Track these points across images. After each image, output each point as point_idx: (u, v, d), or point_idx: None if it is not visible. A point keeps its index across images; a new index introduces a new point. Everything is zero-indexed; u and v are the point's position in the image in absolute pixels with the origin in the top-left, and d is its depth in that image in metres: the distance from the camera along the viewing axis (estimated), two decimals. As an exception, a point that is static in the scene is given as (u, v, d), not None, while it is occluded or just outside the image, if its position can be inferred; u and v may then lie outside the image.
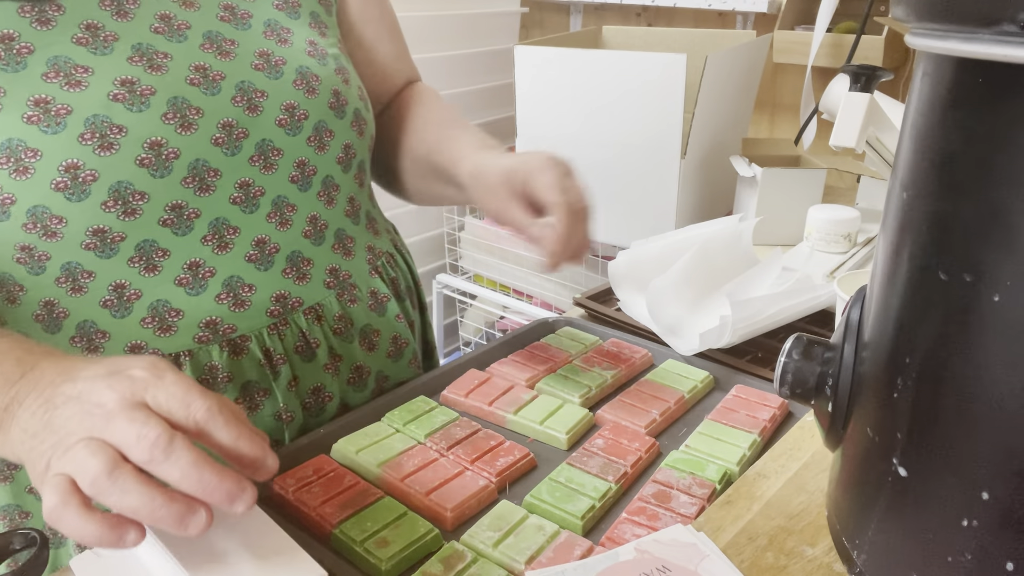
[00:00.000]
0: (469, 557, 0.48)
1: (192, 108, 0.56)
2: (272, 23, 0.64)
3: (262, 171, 0.60)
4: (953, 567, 0.36)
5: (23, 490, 0.62)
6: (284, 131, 0.61)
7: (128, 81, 0.54)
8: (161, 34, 0.57)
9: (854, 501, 0.43)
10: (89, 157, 0.52)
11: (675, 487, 0.54)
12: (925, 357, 0.37)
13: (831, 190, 1.33)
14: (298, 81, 0.62)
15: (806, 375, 0.45)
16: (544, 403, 0.64)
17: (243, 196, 0.59)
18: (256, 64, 0.60)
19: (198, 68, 0.57)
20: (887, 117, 0.97)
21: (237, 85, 0.59)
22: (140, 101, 0.54)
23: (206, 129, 0.56)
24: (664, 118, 1.20)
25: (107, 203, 0.53)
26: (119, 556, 0.47)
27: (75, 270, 0.55)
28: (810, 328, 0.80)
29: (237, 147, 0.58)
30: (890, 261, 0.40)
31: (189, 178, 0.56)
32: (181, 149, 0.55)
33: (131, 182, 0.53)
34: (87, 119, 0.52)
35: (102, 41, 0.54)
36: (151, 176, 0.54)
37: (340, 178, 0.66)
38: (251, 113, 0.59)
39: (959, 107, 0.34)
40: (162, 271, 0.57)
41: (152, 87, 0.54)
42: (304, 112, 0.62)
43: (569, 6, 2.19)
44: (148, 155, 0.54)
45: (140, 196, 0.54)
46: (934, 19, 0.34)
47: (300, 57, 0.63)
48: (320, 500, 0.52)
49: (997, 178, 0.32)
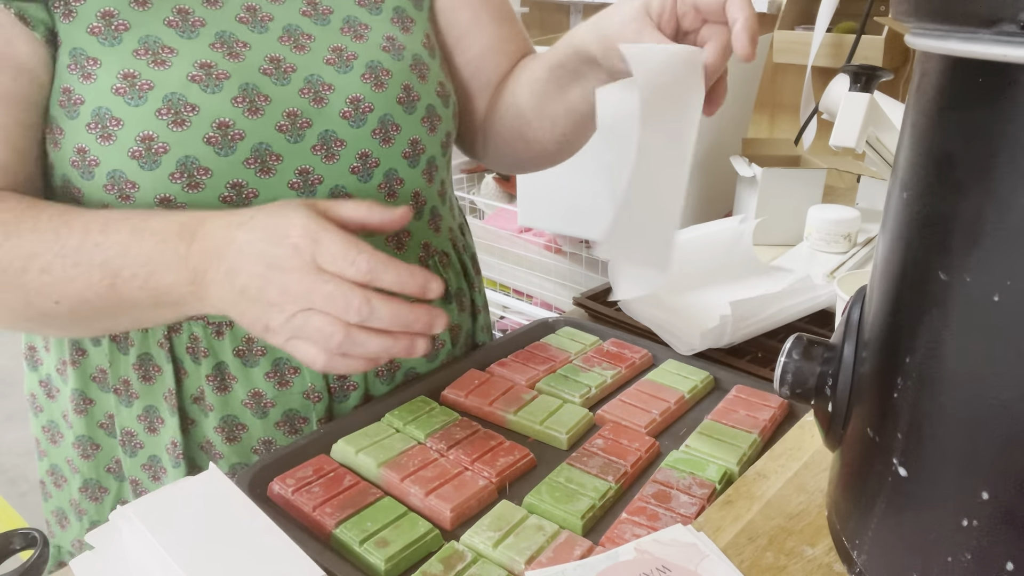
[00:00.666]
0: (469, 557, 0.48)
1: (261, 95, 0.58)
2: (351, 19, 0.65)
3: (324, 160, 0.62)
4: (953, 567, 0.36)
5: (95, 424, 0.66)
6: (348, 123, 0.62)
7: (207, 65, 0.57)
8: (245, 24, 0.60)
9: (854, 501, 0.43)
10: (163, 131, 0.56)
11: (675, 487, 0.54)
12: (925, 357, 0.37)
13: (831, 190, 1.33)
14: (367, 75, 0.63)
15: (806, 375, 0.45)
16: (544, 403, 0.64)
17: (301, 182, 0.61)
18: (328, 59, 0.62)
19: (272, 59, 0.60)
20: (887, 117, 0.97)
21: (306, 78, 0.61)
22: (214, 84, 0.57)
23: (272, 116, 0.59)
24: (664, 118, 1.19)
25: (174, 175, 0.57)
26: (119, 556, 0.47)
27: None
28: (810, 328, 0.80)
29: (300, 135, 0.60)
30: (890, 261, 0.40)
31: (251, 159, 0.58)
32: (246, 131, 0.58)
33: (197, 158, 0.57)
34: (165, 96, 0.55)
35: (190, 25, 0.58)
36: (216, 154, 0.57)
37: (405, 172, 0.67)
38: (316, 104, 0.61)
39: (959, 107, 0.34)
40: None
41: (227, 72, 0.57)
42: (369, 105, 0.63)
43: (569, 6, 2.19)
44: (215, 134, 0.57)
45: (204, 171, 0.57)
46: (934, 19, 0.34)
47: (373, 52, 0.65)
48: (320, 500, 0.52)
49: (997, 178, 0.32)
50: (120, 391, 0.64)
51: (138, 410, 0.64)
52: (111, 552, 0.47)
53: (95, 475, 0.67)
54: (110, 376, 0.63)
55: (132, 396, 0.63)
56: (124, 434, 0.65)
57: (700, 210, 1.31)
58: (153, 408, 0.64)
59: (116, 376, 0.63)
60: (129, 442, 0.65)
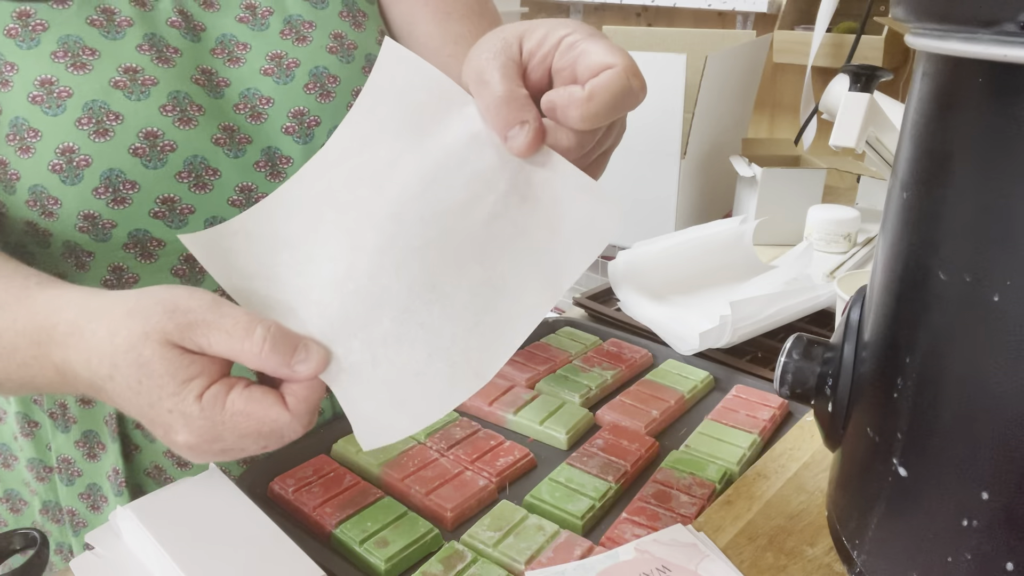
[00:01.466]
0: (469, 557, 0.48)
1: (194, 104, 0.55)
2: (293, 19, 0.60)
3: (268, 178, 0.58)
4: (953, 567, 0.36)
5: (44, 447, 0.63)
6: (293, 139, 0.58)
7: (132, 69, 0.53)
8: (176, 28, 0.56)
9: (854, 501, 0.43)
10: (84, 142, 0.51)
11: (675, 487, 0.54)
12: (925, 357, 0.37)
13: (831, 190, 1.33)
14: (310, 84, 0.59)
15: (806, 375, 0.45)
16: (544, 403, 0.64)
17: (243, 200, 0.57)
18: (266, 68, 0.58)
19: (204, 71, 0.56)
20: (887, 117, 0.97)
21: (241, 92, 0.57)
22: (140, 90, 0.53)
23: (206, 127, 0.55)
24: (664, 118, 1.20)
25: (98, 189, 0.52)
26: (119, 556, 0.47)
27: (75, 248, 0.55)
28: (810, 328, 0.80)
29: (240, 150, 0.56)
30: (890, 261, 0.40)
31: (184, 173, 0.54)
32: (178, 143, 0.54)
33: (123, 170, 0.52)
34: (86, 103, 0.51)
35: (115, 25, 0.53)
36: (143, 166, 0.53)
37: None
38: (254, 121, 0.57)
39: (959, 107, 0.34)
40: (158, 260, 0.57)
41: (155, 78, 0.53)
42: (315, 119, 0.59)
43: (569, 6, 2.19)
44: (143, 145, 0.53)
45: (131, 185, 0.53)
46: (934, 19, 0.34)
47: (318, 56, 0.60)
48: (320, 500, 0.52)
49: (997, 178, 0.32)
50: (56, 415, 0.60)
51: (76, 435, 0.61)
52: (111, 552, 0.47)
53: (53, 496, 0.64)
54: (46, 399, 0.60)
55: (70, 421, 0.60)
56: (61, 461, 0.61)
57: (700, 210, 1.31)
58: (93, 433, 0.61)
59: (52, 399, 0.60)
60: (66, 470, 0.61)
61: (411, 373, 0.39)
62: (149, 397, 0.38)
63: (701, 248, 0.89)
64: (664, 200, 1.25)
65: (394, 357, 0.39)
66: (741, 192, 1.17)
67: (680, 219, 1.26)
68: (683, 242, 0.87)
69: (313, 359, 0.39)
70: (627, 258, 0.83)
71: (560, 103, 0.38)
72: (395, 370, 0.39)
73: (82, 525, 0.64)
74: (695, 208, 1.30)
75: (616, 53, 0.38)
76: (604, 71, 0.38)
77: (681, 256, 0.87)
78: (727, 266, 0.88)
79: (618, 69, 0.37)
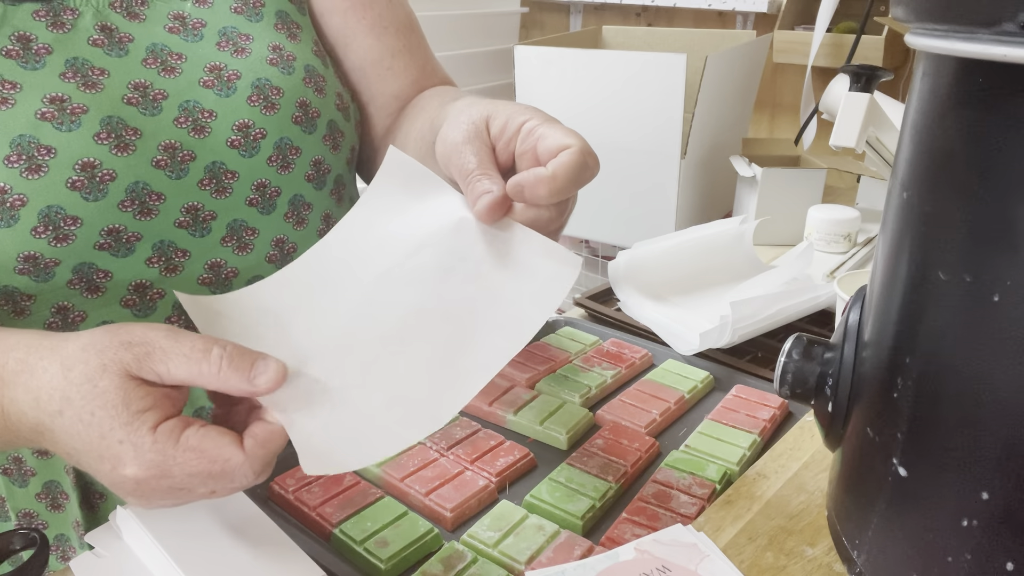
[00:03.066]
0: (469, 557, 0.48)
1: (129, 128, 0.52)
2: (228, 31, 0.58)
3: (214, 195, 0.56)
4: (953, 567, 0.36)
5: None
6: (238, 152, 0.56)
7: (58, 99, 0.50)
8: (100, 47, 0.53)
9: (854, 501, 0.43)
10: (16, 180, 0.48)
11: (675, 487, 0.54)
12: (925, 357, 0.37)
13: (831, 190, 1.33)
14: (254, 96, 0.57)
15: (806, 375, 0.45)
16: (544, 403, 0.64)
17: (191, 220, 0.55)
18: (205, 80, 0.56)
19: (137, 86, 0.53)
20: (887, 117, 0.97)
21: (181, 105, 0.55)
22: (70, 120, 0.50)
23: (145, 150, 0.53)
24: (664, 118, 1.20)
25: (37, 229, 0.49)
26: (119, 556, 0.47)
27: (12, 293, 0.52)
28: (810, 328, 0.80)
29: (183, 170, 0.54)
30: (890, 261, 0.40)
31: (127, 201, 0.52)
32: (117, 171, 0.51)
33: (62, 206, 0.50)
34: (13, 140, 0.48)
35: (33, 55, 0.50)
36: (83, 199, 0.50)
37: (312, 196, 0.61)
38: (197, 134, 0.55)
39: (959, 107, 0.34)
40: (106, 292, 0.54)
41: (84, 105, 0.51)
42: (261, 131, 0.57)
43: (569, 6, 2.19)
44: (80, 177, 0.50)
45: (72, 221, 0.50)
46: (934, 19, 0.34)
47: (258, 68, 0.58)
48: (320, 500, 0.52)
49: (997, 178, 0.32)
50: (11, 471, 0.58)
51: (36, 488, 0.59)
52: (111, 552, 0.47)
53: None
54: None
55: (27, 474, 0.58)
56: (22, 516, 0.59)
57: (700, 210, 1.31)
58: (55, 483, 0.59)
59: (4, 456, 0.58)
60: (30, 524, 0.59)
61: (366, 416, 0.41)
62: (101, 428, 0.37)
63: (701, 248, 0.89)
64: (664, 200, 1.25)
65: (355, 400, 0.41)
66: (741, 192, 1.17)
67: (680, 219, 1.26)
68: (683, 242, 0.87)
69: (271, 370, 0.38)
70: (627, 258, 0.83)
71: (528, 183, 0.43)
72: (353, 412, 0.41)
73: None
74: (695, 208, 1.30)
75: (570, 135, 0.44)
76: (562, 151, 0.43)
77: (681, 256, 0.87)
78: (727, 266, 0.88)
79: (574, 149, 0.43)
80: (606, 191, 1.31)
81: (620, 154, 1.27)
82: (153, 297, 0.56)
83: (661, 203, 1.26)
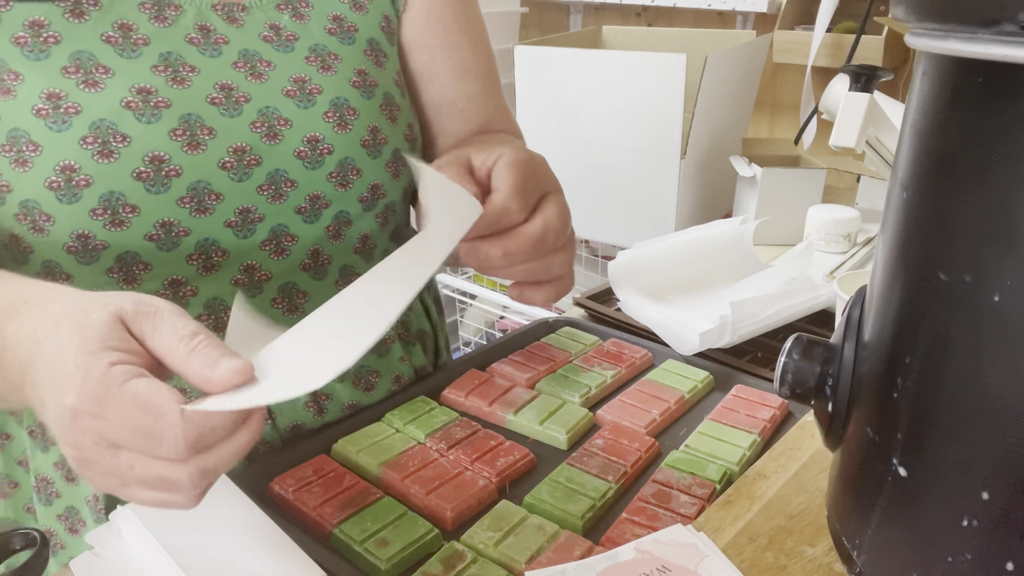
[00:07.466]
0: (469, 557, 0.48)
1: (205, 128, 0.54)
2: (319, 48, 0.60)
3: (269, 200, 0.57)
4: (953, 567, 0.36)
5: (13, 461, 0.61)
6: (302, 164, 0.57)
7: (145, 90, 0.52)
8: (195, 45, 0.55)
9: (854, 501, 0.43)
10: (86, 162, 0.50)
11: (675, 487, 0.54)
12: (925, 357, 0.37)
13: (831, 190, 1.33)
14: (330, 113, 0.58)
15: (806, 375, 0.45)
16: (544, 403, 0.64)
17: (240, 221, 0.56)
18: (288, 90, 0.57)
19: (223, 87, 0.55)
20: (887, 117, 0.97)
21: (260, 110, 0.56)
22: (151, 113, 0.52)
23: (215, 151, 0.54)
24: (664, 118, 1.20)
25: (96, 211, 0.51)
26: (119, 556, 0.47)
27: (54, 268, 0.53)
28: (810, 328, 0.80)
29: (247, 174, 0.55)
30: (890, 261, 0.40)
31: (187, 198, 0.53)
32: (184, 168, 0.53)
33: (124, 194, 0.51)
34: (93, 122, 0.50)
35: (131, 43, 0.52)
36: (146, 191, 0.52)
37: (358, 216, 0.62)
38: (269, 140, 0.56)
39: (959, 107, 0.34)
40: (141, 284, 0.55)
41: (168, 100, 0.52)
42: (329, 147, 0.58)
43: (569, 6, 2.19)
44: (147, 169, 0.52)
45: (131, 209, 0.52)
46: (934, 19, 0.34)
47: (341, 86, 0.59)
48: (320, 500, 0.52)
49: (997, 178, 0.32)
50: (36, 433, 0.59)
51: (55, 456, 0.59)
52: (111, 552, 0.47)
53: (13, 514, 0.63)
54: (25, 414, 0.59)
55: (50, 441, 0.58)
56: (39, 480, 0.60)
57: (700, 210, 1.31)
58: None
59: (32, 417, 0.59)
60: (44, 489, 0.60)
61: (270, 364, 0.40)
62: (68, 352, 0.36)
63: (701, 248, 0.89)
64: (664, 200, 1.25)
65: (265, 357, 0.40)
66: (741, 192, 1.17)
67: (680, 219, 1.26)
68: (683, 242, 0.87)
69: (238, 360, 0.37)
70: (627, 258, 0.83)
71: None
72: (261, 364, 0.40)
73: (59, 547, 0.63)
74: (695, 208, 1.30)
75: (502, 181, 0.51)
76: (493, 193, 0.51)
77: (681, 256, 0.87)
78: (727, 267, 0.88)
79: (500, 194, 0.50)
80: (606, 191, 1.31)
81: (620, 154, 1.27)
82: (186, 294, 0.57)
83: (661, 203, 1.26)
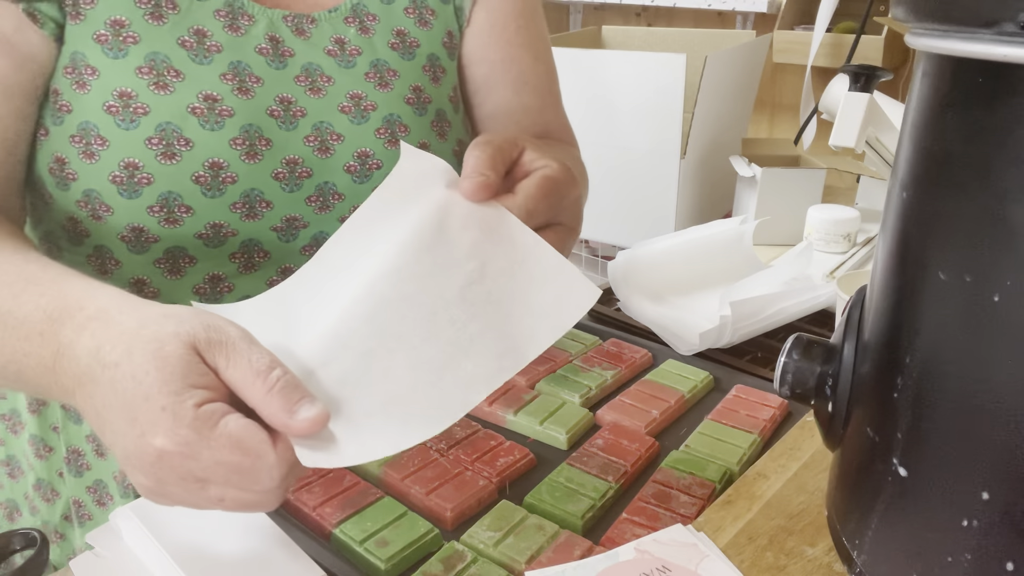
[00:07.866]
0: (469, 557, 0.48)
1: (263, 139, 0.55)
2: (379, 64, 0.61)
3: (316, 211, 0.59)
4: (953, 567, 0.36)
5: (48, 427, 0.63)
6: (351, 178, 0.59)
7: (211, 97, 0.54)
8: (264, 55, 0.56)
9: (854, 501, 0.43)
10: (150, 161, 0.52)
11: (675, 487, 0.54)
12: (925, 357, 0.37)
13: (831, 190, 1.33)
14: (382, 129, 0.60)
15: (806, 375, 0.45)
16: (544, 403, 0.64)
17: (285, 227, 0.58)
18: (344, 106, 0.59)
19: (283, 100, 0.56)
20: (887, 117, 0.97)
21: (315, 125, 0.58)
22: (215, 120, 0.53)
23: (270, 162, 0.56)
24: (664, 118, 1.20)
25: (153, 208, 0.53)
26: (119, 556, 0.47)
27: (105, 253, 0.56)
28: (810, 328, 0.80)
29: (297, 185, 0.57)
30: (890, 261, 0.40)
31: (239, 203, 0.55)
32: (240, 176, 0.55)
33: (181, 195, 0.54)
34: (159, 124, 0.52)
35: (205, 49, 0.54)
36: (202, 194, 0.54)
37: None
38: (321, 154, 0.58)
39: (959, 107, 0.34)
40: (184, 276, 0.57)
41: (232, 109, 0.54)
42: (378, 162, 0.60)
43: (569, 6, 2.19)
44: (206, 174, 0.54)
45: (186, 210, 0.54)
46: (934, 19, 0.34)
47: (395, 104, 0.61)
48: (320, 500, 0.52)
49: (997, 178, 0.32)
50: (69, 406, 0.60)
51: (87, 429, 0.61)
52: (111, 552, 0.47)
53: (47, 476, 0.65)
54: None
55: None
56: (70, 452, 0.62)
57: (700, 210, 1.31)
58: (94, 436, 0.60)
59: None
60: (75, 461, 0.62)
61: (364, 412, 0.40)
62: (149, 390, 0.35)
63: (701, 248, 0.89)
64: (664, 200, 1.25)
65: (350, 395, 0.40)
66: (741, 192, 1.17)
67: (680, 219, 1.26)
68: (683, 242, 0.88)
69: (315, 411, 0.37)
70: (627, 258, 0.83)
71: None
72: (352, 408, 0.40)
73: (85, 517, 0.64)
74: (695, 208, 1.30)
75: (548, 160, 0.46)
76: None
77: (681, 256, 0.87)
78: (727, 267, 0.88)
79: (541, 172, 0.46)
80: (606, 191, 1.31)
81: (620, 154, 1.27)
82: (223, 290, 0.59)
83: (661, 203, 1.26)
